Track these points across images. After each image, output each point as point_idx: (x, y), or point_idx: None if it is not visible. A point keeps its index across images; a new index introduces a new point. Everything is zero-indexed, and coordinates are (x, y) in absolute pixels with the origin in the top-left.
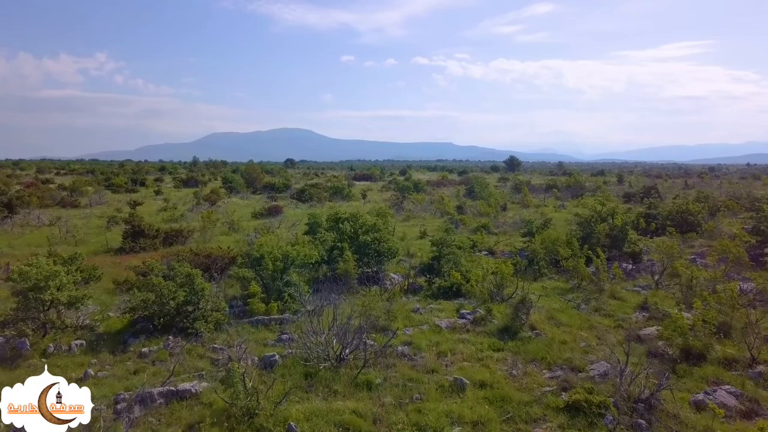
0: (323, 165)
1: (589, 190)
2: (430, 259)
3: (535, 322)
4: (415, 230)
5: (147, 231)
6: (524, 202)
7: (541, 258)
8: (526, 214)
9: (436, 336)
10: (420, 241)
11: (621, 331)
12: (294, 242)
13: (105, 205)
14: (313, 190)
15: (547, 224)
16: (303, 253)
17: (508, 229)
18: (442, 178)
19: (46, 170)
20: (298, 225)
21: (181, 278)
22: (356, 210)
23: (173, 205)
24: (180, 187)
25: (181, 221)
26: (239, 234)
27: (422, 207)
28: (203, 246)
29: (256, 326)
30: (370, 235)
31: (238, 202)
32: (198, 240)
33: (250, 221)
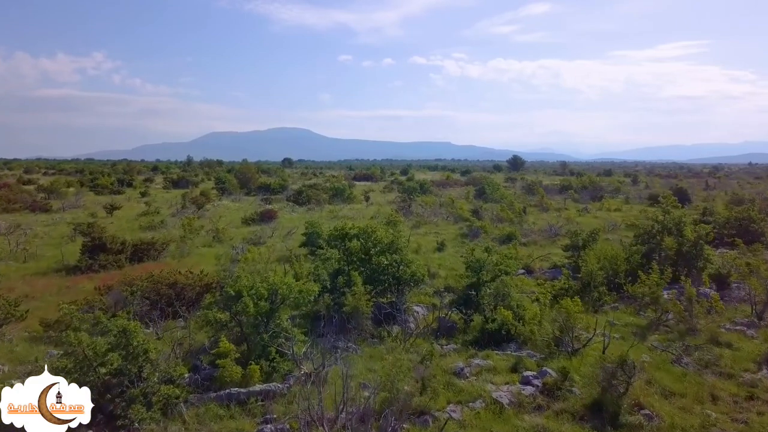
0: (321, 165)
1: (607, 192)
2: (465, 287)
3: (639, 394)
4: (431, 240)
5: (110, 245)
6: (542, 204)
7: (600, 281)
8: (549, 218)
9: (498, 422)
10: (439, 255)
11: (758, 403)
12: (286, 270)
13: (81, 208)
14: (311, 192)
15: (594, 236)
16: (298, 289)
17: (537, 239)
18: (446, 178)
19: (34, 170)
20: (294, 233)
21: (115, 334)
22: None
23: (155, 209)
24: (170, 188)
25: (161, 228)
26: (225, 245)
27: (432, 211)
28: (173, 265)
29: (227, 405)
30: (387, 256)
31: (229, 205)
32: (174, 253)
33: (239, 228)
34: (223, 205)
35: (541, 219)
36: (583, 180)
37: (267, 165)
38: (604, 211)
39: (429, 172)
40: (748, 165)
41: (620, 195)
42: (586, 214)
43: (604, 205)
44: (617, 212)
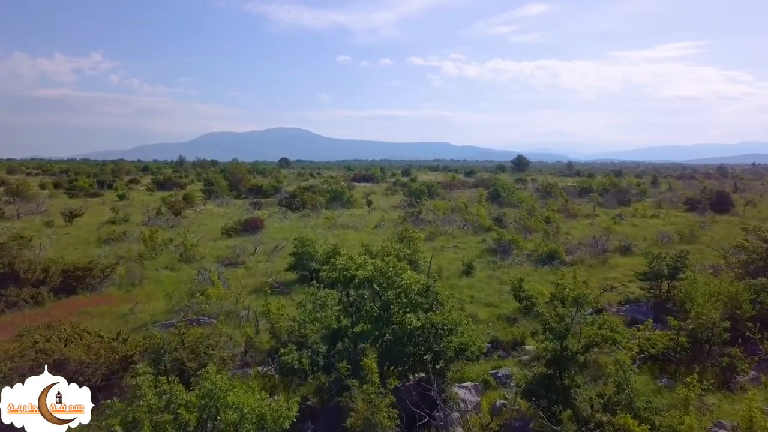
0: (320, 165)
1: (633, 195)
2: (545, 364)
3: None
4: (451, 258)
5: (24, 273)
6: (568, 210)
7: (723, 337)
8: (582, 227)
9: None
10: (467, 281)
11: None
12: (249, 384)
13: (42, 214)
14: (306, 195)
15: (683, 260)
16: (270, 414)
17: (583, 256)
18: (452, 180)
19: (18, 170)
20: (282, 248)
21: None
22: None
23: (125, 215)
24: (154, 190)
25: (121, 242)
26: (194, 265)
27: (445, 218)
28: (117, 298)
29: None
30: (418, 314)
31: (213, 210)
32: (122, 281)
33: (217, 241)
34: (207, 211)
35: (573, 228)
36: (604, 182)
37: (263, 165)
38: (639, 218)
39: (430, 172)
40: (751, 166)
41: (646, 198)
42: (621, 221)
43: (638, 211)
44: (654, 219)
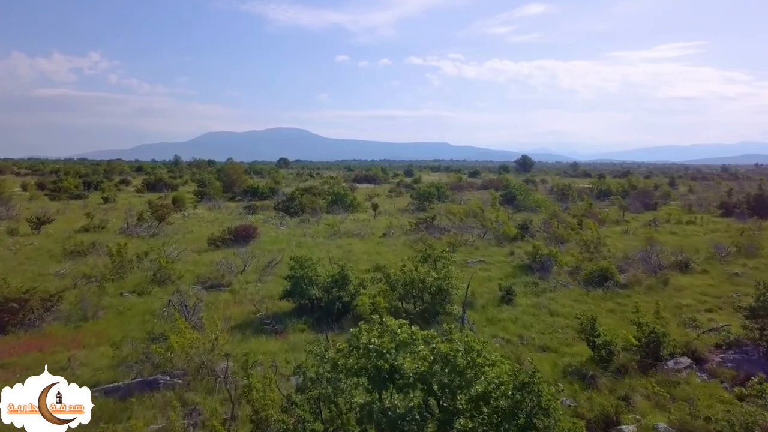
0: (319, 165)
1: (657, 198)
2: None
3: None
4: (480, 278)
5: None
6: (595, 216)
7: None
8: (615, 236)
9: None
10: (509, 311)
11: None
12: None
13: (10, 220)
14: (305, 198)
15: None
16: None
17: (638, 275)
18: (458, 180)
19: (8, 170)
20: (276, 265)
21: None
22: (366, 228)
23: (102, 222)
24: (144, 191)
25: (89, 255)
26: (169, 289)
27: (462, 225)
28: (63, 337)
29: None
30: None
31: (203, 214)
32: (72, 313)
33: (203, 253)
34: (196, 215)
35: (607, 237)
36: (622, 183)
37: (261, 165)
38: (674, 224)
39: (432, 172)
40: (755, 166)
41: (671, 201)
42: (657, 228)
43: (671, 216)
44: (691, 225)
